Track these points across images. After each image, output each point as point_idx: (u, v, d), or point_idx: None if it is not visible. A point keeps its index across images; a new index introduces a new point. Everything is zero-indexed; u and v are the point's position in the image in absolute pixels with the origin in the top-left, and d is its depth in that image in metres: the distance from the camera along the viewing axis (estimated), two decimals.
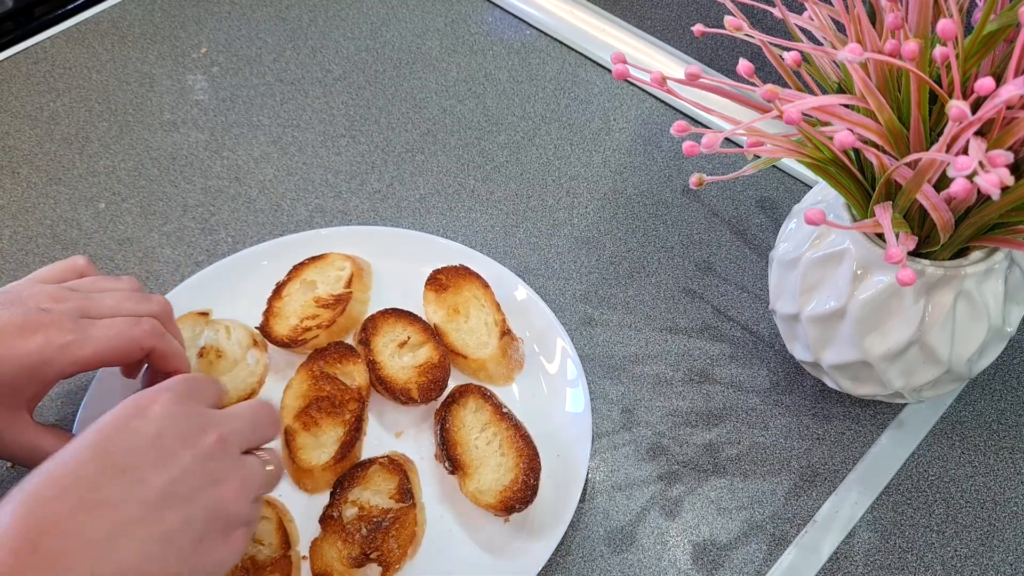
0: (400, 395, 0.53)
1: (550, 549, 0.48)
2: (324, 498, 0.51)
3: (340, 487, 0.50)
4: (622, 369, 0.58)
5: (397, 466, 0.51)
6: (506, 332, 0.56)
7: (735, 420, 0.56)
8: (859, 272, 0.47)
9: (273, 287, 0.58)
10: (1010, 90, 0.33)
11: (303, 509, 0.51)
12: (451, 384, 0.55)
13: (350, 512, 0.49)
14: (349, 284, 0.58)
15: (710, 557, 0.50)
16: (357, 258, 0.59)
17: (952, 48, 0.36)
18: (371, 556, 0.47)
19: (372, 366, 0.54)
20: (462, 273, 0.58)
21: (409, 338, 0.56)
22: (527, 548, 0.49)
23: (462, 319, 0.57)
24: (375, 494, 0.50)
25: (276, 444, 0.53)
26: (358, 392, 0.53)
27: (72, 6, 0.79)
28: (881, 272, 0.46)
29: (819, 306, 0.49)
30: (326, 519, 0.49)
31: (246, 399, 0.54)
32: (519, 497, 0.48)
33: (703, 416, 0.56)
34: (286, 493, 0.51)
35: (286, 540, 0.48)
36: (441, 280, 0.58)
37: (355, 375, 0.54)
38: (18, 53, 0.76)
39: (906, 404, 0.57)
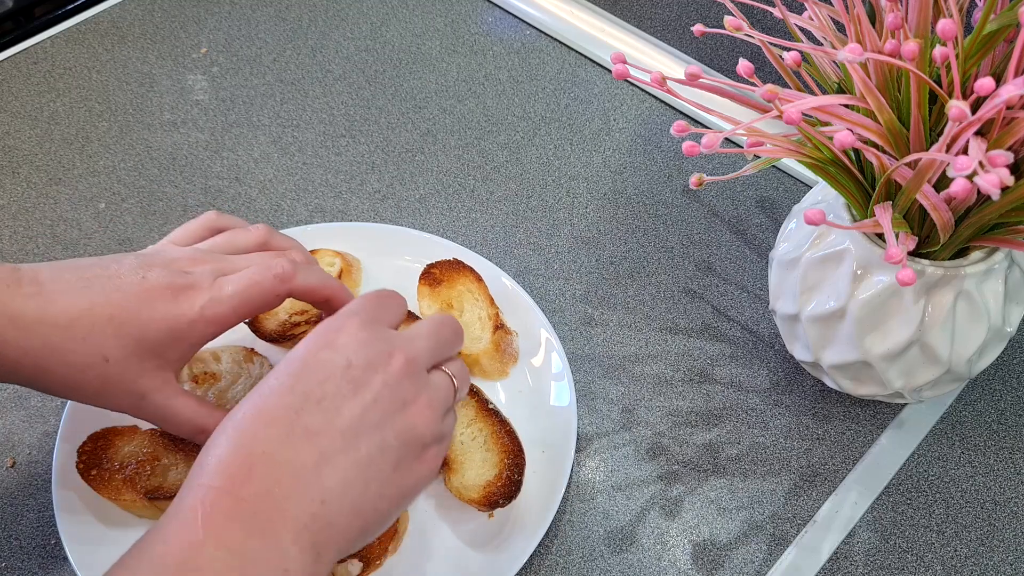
0: None
1: (533, 544, 0.48)
2: None
3: None
4: (622, 369, 0.58)
5: None
6: (499, 326, 0.56)
7: (735, 420, 0.56)
8: (859, 272, 0.47)
9: None
10: (1010, 90, 0.33)
11: None
12: None
13: None
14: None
15: (710, 557, 0.50)
16: (347, 255, 0.60)
17: (952, 48, 0.36)
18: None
19: None
20: (456, 267, 0.58)
21: None
22: (511, 543, 0.49)
23: (456, 314, 0.57)
24: None
25: None
26: None
27: (72, 6, 0.79)
28: (881, 272, 0.46)
29: (819, 306, 0.49)
30: None
31: None
32: (502, 492, 0.48)
33: (703, 416, 0.56)
34: None
35: None
36: (435, 274, 0.58)
37: None
38: (18, 53, 0.76)
39: (906, 404, 0.57)
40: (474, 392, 0.53)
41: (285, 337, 0.55)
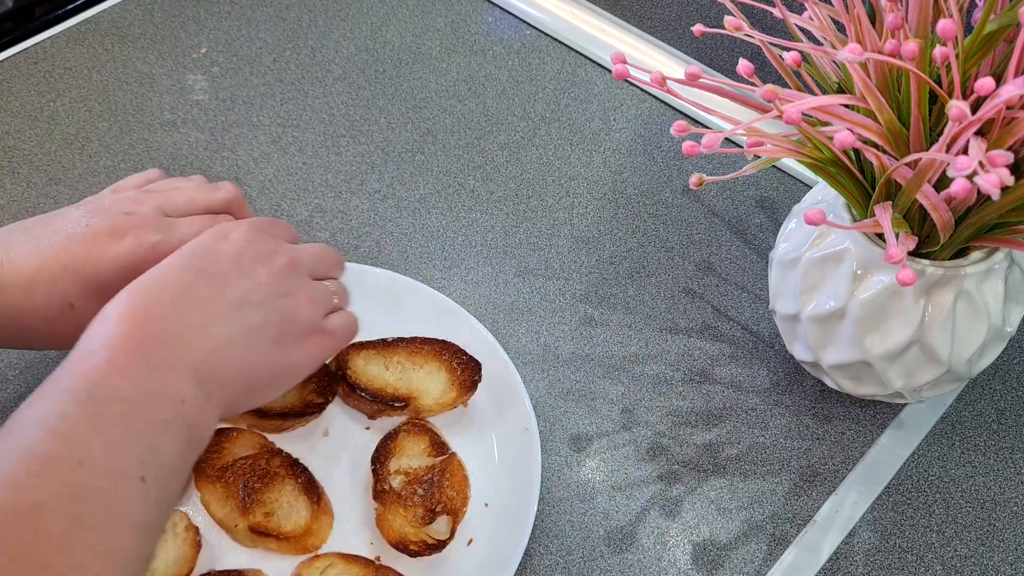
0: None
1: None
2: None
3: (378, 463, 0.51)
4: (622, 369, 0.58)
5: (421, 426, 0.52)
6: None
7: (735, 420, 0.56)
8: (859, 272, 0.47)
9: None
10: (1010, 90, 0.33)
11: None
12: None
13: (398, 481, 0.50)
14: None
15: (710, 557, 0.50)
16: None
17: (952, 48, 0.36)
18: (436, 510, 0.49)
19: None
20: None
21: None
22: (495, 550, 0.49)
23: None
24: (412, 458, 0.51)
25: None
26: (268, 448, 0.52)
27: (72, 6, 0.79)
28: (881, 272, 0.46)
29: (819, 306, 0.49)
30: (380, 494, 0.50)
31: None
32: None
33: (703, 416, 0.56)
34: None
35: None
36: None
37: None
38: (18, 53, 0.76)
39: (906, 404, 0.57)
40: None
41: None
